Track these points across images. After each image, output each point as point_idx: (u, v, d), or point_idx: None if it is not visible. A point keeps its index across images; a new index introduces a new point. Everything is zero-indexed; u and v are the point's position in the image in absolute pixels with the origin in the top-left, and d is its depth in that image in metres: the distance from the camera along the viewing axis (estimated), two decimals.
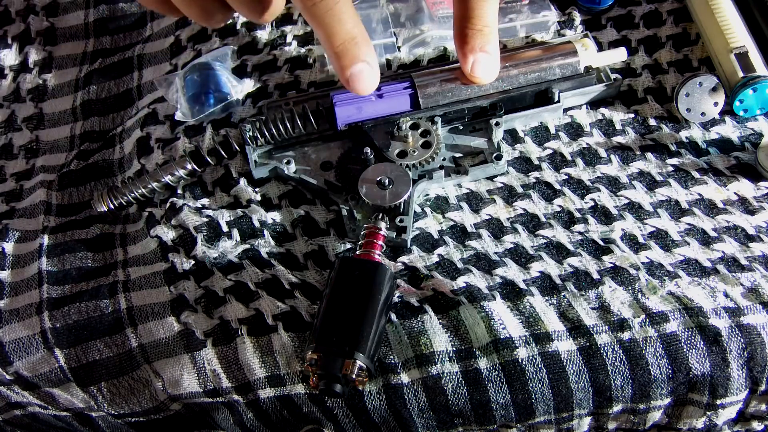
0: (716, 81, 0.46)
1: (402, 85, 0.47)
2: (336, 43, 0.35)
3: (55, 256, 0.46)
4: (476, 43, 0.39)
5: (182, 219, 0.45)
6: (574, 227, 0.44)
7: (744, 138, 0.47)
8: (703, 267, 0.42)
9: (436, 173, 0.45)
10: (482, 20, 0.38)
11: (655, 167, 0.46)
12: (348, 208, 0.45)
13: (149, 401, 0.42)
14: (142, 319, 0.43)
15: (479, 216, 0.45)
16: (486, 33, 0.39)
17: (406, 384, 0.39)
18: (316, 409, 0.41)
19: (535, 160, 0.47)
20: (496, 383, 0.39)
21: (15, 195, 0.50)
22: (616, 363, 0.39)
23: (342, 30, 0.35)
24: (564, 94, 0.47)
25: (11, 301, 0.44)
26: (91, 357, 0.42)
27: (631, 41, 0.52)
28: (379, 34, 0.54)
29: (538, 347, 0.39)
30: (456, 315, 0.40)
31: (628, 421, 0.42)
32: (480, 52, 0.39)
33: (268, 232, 0.45)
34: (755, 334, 0.39)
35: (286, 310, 0.42)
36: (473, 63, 0.39)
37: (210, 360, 0.41)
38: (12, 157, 0.53)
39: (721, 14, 0.49)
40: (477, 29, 0.38)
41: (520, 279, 0.42)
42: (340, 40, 0.35)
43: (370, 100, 0.46)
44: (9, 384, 0.43)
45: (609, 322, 0.40)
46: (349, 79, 0.37)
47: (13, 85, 0.56)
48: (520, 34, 0.53)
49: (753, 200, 0.44)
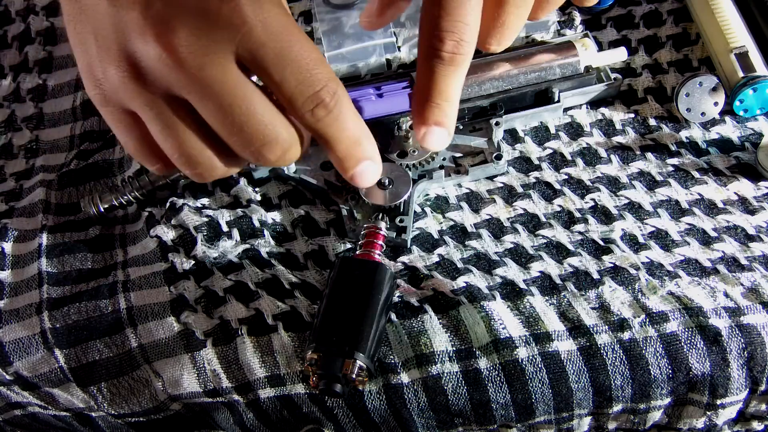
0: (716, 81, 0.46)
1: (402, 84, 0.47)
2: (340, 149, 0.35)
3: (54, 257, 0.46)
4: (431, 117, 0.37)
5: (182, 219, 0.45)
6: (574, 227, 0.44)
7: (744, 138, 0.47)
8: (703, 267, 0.42)
9: (436, 173, 0.45)
10: (443, 95, 0.36)
11: (655, 167, 0.46)
12: (348, 208, 0.45)
13: (149, 401, 0.42)
14: (142, 319, 0.43)
15: (479, 216, 0.45)
16: (444, 108, 0.37)
17: (406, 384, 0.39)
18: (316, 409, 0.41)
19: (535, 160, 0.47)
20: (496, 383, 0.39)
21: (15, 195, 0.50)
22: (616, 363, 0.39)
23: (344, 136, 0.34)
24: (564, 93, 0.47)
25: (11, 302, 0.44)
26: (91, 357, 0.42)
27: (631, 41, 0.52)
28: (379, 34, 0.54)
29: (538, 347, 0.39)
30: (456, 315, 0.40)
31: (628, 421, 0.42)
32: (434, 126, 0.37)
33: (268, 232, 0.45)
34: (755, 334, 0.39)
35: (286, 310, 0.42)
36: (424, 134, 0.38)
37: (210, 360, 0.41)
38: (12, 156, 0.53)
39: (721, 14, 0.49)
40: (435, 103, 0.37)
41: (520, 279, 0.42)
42: (343, 146, 0.35)
43: (370, 99, 0.46)
44: (9, 384, 0.43)
45: (609, 322, 0.40)
46: (353, 178, 0.36)
47: (13, 85, 0.56)
48: (520, 34, 0.53)
49: (753, 200, 0.44)
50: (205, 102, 0.31)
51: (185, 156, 0.33)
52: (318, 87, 0.32)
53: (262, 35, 0.30)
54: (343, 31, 0.54)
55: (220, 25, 0.30)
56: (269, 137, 0.33)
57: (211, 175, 0.35)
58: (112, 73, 0.31)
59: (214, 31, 0.30)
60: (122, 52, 0.30)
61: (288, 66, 0.31)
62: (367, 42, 0.53)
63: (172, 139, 0.33)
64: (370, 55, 0.53)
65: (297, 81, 0.32)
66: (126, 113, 0.33)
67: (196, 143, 0.33)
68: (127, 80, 0.31)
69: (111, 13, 0.30)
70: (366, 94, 0.47)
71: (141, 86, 0.31)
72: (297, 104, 0.32)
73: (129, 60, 0.30)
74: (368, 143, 0.36)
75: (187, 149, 0.33)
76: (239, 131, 0.32)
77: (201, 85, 0.30)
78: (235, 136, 0.32)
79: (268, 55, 0.31)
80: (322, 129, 0.33)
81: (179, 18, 0.30)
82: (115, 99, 0.32)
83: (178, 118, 0.32)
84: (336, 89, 0.33)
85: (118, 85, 0.31)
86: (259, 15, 0.30)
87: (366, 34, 0.54)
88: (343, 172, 0.36)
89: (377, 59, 0.53)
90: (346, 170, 0.36)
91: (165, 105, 0.32)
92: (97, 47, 0.31)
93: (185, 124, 0.32)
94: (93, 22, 0.31)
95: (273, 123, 0.33)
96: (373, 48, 0.53)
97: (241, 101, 0.31)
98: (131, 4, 0.30)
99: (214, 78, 0.30)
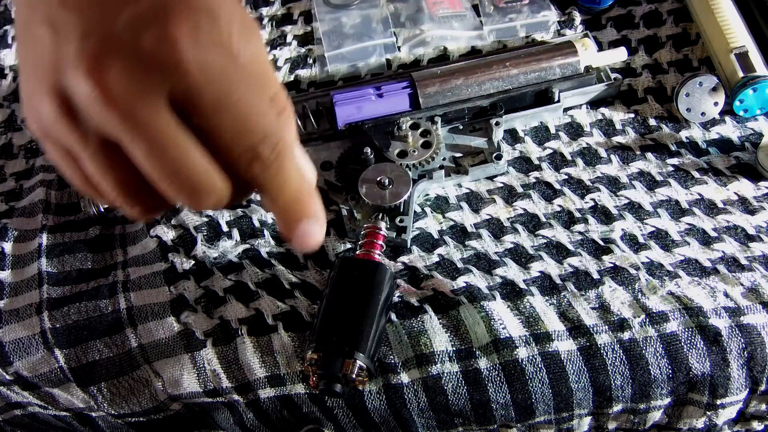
0: (716, 81, 0.46)
1: (402, 84, 0.47)
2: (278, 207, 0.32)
3: (54, 257, 0.46)
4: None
5: (182, 219, 0.45)
6: (574, 227, 0.44)
7: (744, 138, 0.47)
8: (703, 267, 0.42)
9: (436, 173, 0.45)
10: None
11: (655, 167, 0.46)
12: (348, 208, 0.45)
13: (149, 401, 0.42)
14: (142, 319, 0.43)
15: (479, 216, 0.45)
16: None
17: (406, 384, 0.39)
18: (316, 409, 0.41)
19: (535, 160, 0.47)
20: (496, 383, 0.39)
21: (15, 194, 0.50)
22: (616, 363, 0.39)
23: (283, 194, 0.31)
24: (564, 93, 0.47)
25: (11, 302, 0.44)
26: (91, 357, 0.42)
27: (631, 41, 0.52)
28: (379, 34, 0.54)
29: (538, 347, 0.39)
30: (456, 315, 0.40)
31: (628, 421, 0.42)
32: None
33: (268, 231, 0.45)
34: (755, 334, 0.39)
35: (286, 310, 0.42)
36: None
37: (210, 360, 0.41)
38: (12, 156, 0.53)
39: (721, 14, 0.49)
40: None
41: (520, 279, 0.42)
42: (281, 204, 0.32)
43: (370, 99, 0.46)
44: (9, 384, 0.43)
45: (609, 322, 0.40)
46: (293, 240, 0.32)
47: (13, 85, 0.56)
48: (520, 34, 0.53)
49: (753, 200, 0.44)
50: (135, 145, 0.29)
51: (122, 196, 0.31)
52: (255, 140, 0.29)
53: (199, 79, 0.28)
54: (343, 31, 0.54)
55: (153, 66, 0.28)
56: (202, 185, 0.30)
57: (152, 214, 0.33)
58: (46, 108, 0.29)
59: (148, 72, 0.28)
60: (56, 86, 0.29)
61: (225, 114, 0.29)
62: (367, 42, 0.53)
63: (108, 180, 0.30)
64: (370, 55, 0.53)
65: (234, 131, 0.29)
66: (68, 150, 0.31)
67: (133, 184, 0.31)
68: (60, 117, 0.29)
69: (52, 45, 0.29)
70: (366, 94, 0.47)
71: (73, 124, 0.29)
72: (232, 155, 0.30)
73: (61, 96, 0.29)
74: (311, 201, 0.33)
75: (124, 190, 0.31)
76: (170, 177, 0.29)
77: (131, 128, 0.28)
78: (166, 182, 0.30)
79: (205, 100, 0.28)
80: (260, 184, 0.31)
81: (113, 55, 0.28)
82: (53, 135, 0.30)
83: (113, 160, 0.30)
84: (276, 142, 0.30)
85: (52, 121, 0.29)
86: (198, 56, 0.28)
87: (366, 34, 0.54)
88: (283, 232, 0.33)
89: (377, 59, 0.53)
90: (285, 231, 0.33)
91: (98, 145, 0.29)
92: (35, 77, 0.29)
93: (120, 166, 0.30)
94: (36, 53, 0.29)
95: (207, 171, 0.30)
96: (373, 48, 0.53)
97: (174, 146, 0.29)
98: (70, 37, 0.28)
99: (145, 121, 0.28)
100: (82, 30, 0.28)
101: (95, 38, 0.28)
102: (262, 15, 0.57)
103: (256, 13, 0.57)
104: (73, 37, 0.28)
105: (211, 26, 0.29)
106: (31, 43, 0.30)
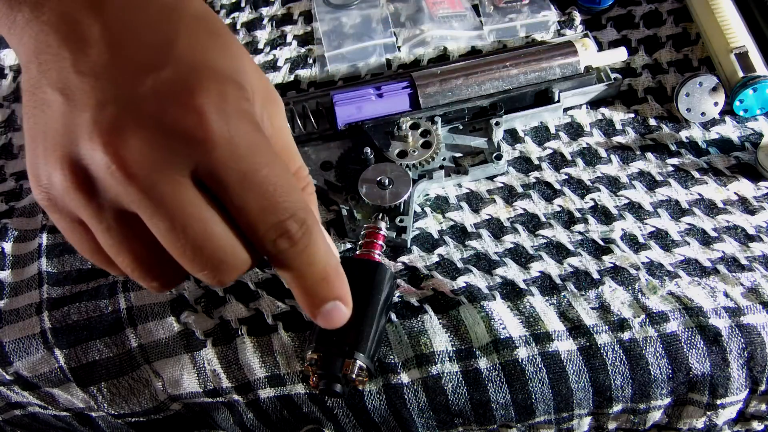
0: (716, 81, 0.46)
1: (402, 84, 0.47)
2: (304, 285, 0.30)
3: (54, 257, 0.46)
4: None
5: None
6: (574, 227, 0.44)
7: (744, 138, 0.47)
8: (703, 267, 0.42)
9: (436, 173, 0.45)
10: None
11: (655, 167, 0.46)
12: (348, 208, 0.45)
13: (149, 401, 0.42)
14: (142, 319, 0.43)
15: (479, 216, 0.45)
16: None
17: (406, 384, 0.39)
18: (316, 409, 0.41)
19: (535, 160, 0.47)
20: (496, 383, 0.39)
21: (15, 194, 0.50)
22: (616, 363, 0.39)
23: (311, 272, 0.30)
24: (564, 93, 0.47)
25: (11, 302, 0.44)
26: (91, 357, 0.42)
27: (631, 41, 0.52)
28: (379, 34, 0.54)
29: (538, 347, 0.39)
30: (456, 315, 0.40)
31: (628, 421, 0.42)
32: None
33: None
34: (755, 334, 0.39)
35: (286, 310, 0.42)
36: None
37: (210, 360, 0.41)
38: (12, 156, 0.53)
39: (721, 14, 0.49)
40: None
41: (520, 279, 0.42)
42: (309, 283, 0.30)
43: (370, 99, 0.46)
44: (9, 384, 0.43)
45: (609, 322, 0.40)
46: (317, 318, 0.31)
47: (13, 85, 0.56)
48: (520, 34, 0.53)
49: (753, 200, 0.44)
50: (156, 221, 0.27)
51: (140, 270, 0.30)
52: (284, 216, 0.28)
53: (226, 154, 0.27)
54: (343, 31, 0.54)
55: (178, 139, 0.26)
56: (225, 262, 0.29)
57: (170, 287, 0.31)
58: (57, 178, 0.27)
59: (172, 145, 0.26)
60: (68, 157, 0.27)
61: (252, 191, 0.27)
62: (367, 42, 0.53)
63: (124, 255, 0.29)
64: (370, 55, 0.53)
65: (260, 207, 0.28)
66: (77, 221, 0.29)
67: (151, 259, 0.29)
68: (73, 188, 0.27)
69: (64, 112, 0.27)
70: (366, 94, 0.47)
71: (88, 196, 0.27)
72: (258, 232, 0.28)
73: (75, 166, 0.27)
74: (338, 281, 0.31)
75: (142, 264, 0.29)
76: (193, 253, 0.28)
77: (152, 203, 0.27)
78: (188, 258, 0.28)
79: (231, 177, 0.27)
80: (285, 262, 0.29)
81: (133, 126, 0.26)
82: (62, 206, 0.28)
83: (130, 234, 0.28)
84: (305, 219, 0.29)
85: (63, 192, 0.27)
86: (226, 131, 0.26)
87: (366, 34, 0.54)
88: (307, 311, 0.31)
89: (377, 59, 0.53)
90: (310, 309, 0.31)
91: (114, 218, 0.28)
92: (43, 148, 0.27)
93: (138, 240, 0.28)
94: (46, 119, 0.27)
95: (232, 246, 0.29)
96: (373, 48, 0.53)
97: (197, 222, 0.27)
98: (84, 105, 0.27)
99: (167, 196, 0.27)
100: (98, 97, 0.27)
101: (113, 107, 0.26)
102: (262, 15, 0.57)
103: (256, 13, 0.57)
104: (89, 105, 0.27)
105: (238, 96, 0.28)
106: (41, 108, 0.28)
